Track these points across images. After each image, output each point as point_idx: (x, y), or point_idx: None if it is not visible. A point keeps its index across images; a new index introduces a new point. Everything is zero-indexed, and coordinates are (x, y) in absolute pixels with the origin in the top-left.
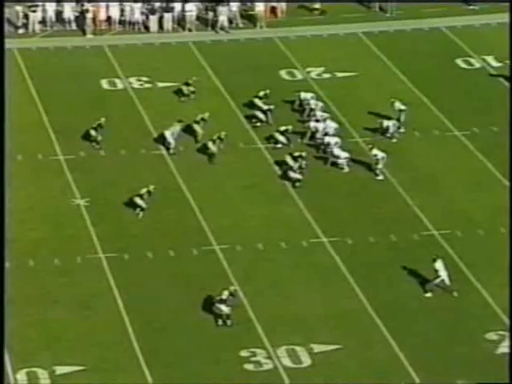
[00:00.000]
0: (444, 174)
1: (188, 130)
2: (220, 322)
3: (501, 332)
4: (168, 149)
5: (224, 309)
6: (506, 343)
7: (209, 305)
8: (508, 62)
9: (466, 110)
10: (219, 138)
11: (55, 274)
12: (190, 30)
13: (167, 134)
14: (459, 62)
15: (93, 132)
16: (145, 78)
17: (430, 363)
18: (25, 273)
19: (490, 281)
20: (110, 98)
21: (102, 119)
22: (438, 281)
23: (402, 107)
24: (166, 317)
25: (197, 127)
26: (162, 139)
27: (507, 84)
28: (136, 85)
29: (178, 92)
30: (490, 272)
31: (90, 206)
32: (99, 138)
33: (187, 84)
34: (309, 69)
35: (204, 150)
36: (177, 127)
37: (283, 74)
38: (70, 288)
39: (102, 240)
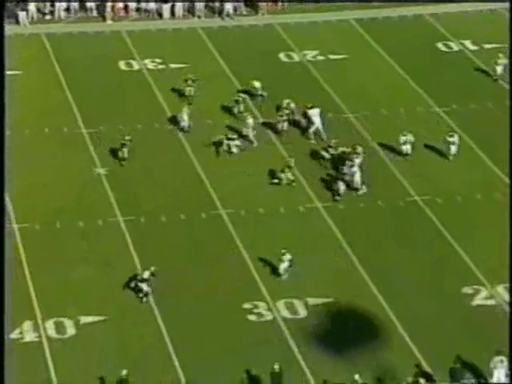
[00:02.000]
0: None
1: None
2: (144, 299)
3: (475, 286)
4: (182, 129)
5: (144, 287)
6: (481, 296)
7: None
8: (485, 45)
9: (445, 88)
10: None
11: (79, 236)
12: (198, 17)
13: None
14: (440, 45)
15: None
16: (158, 60)
17: (414, 314)
18: (52, 234)
19: (467, 240)
20: (127, 78)
21: None
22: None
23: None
24: (178, 272)
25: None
26: (174, 117)
27: (482, 64)
28: (150, 66)
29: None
30: (467, 233)
31: (109, 174)
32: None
33: (186, 80)
34: (305, 52)
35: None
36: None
37: (282, 56)
38: (92, 248)
39: (120, 205)
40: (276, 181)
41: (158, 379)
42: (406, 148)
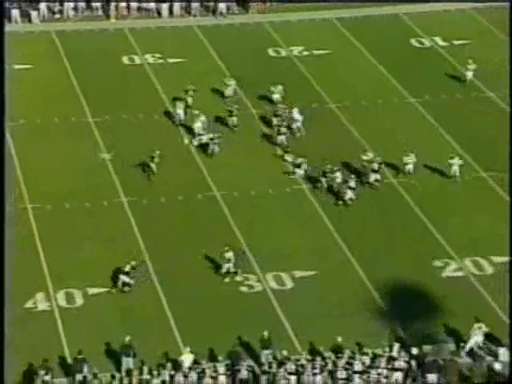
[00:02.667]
0: (402, 132)
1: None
2: (126, 288)
3: (446, 259)
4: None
5: (126, 279)
6: (452, 268)
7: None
8: (454, 41)
9: (419, 81)
10: None
11: (86, 215)
12: (194, 16)
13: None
14: (413, 41)
15: None
16: (158, 55)
17: (390, 285)
18: (62, 214)
19: (439, 219)
20: (129, 72)
21: None
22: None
23: None
24: (177, 247)
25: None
26: (173, 107)
27: (451, 59)
28: (151, 60)
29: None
30: (438, 210)
31: (114, 159)
32: None
33: (186, 91)
34: (291, 48)
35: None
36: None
37: (270, 51)
38: (98, 226)
39: (124, 187)
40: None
41: (158, 344)
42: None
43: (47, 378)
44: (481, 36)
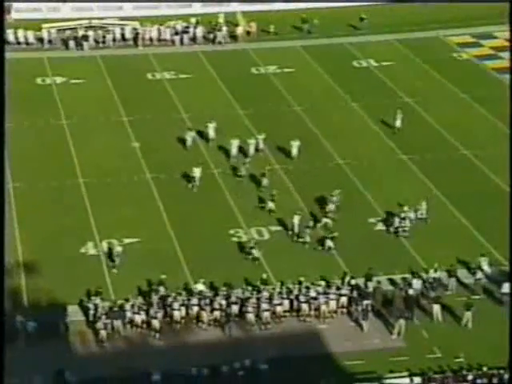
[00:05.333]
0: (345, 128)
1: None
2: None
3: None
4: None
5: (117, 260)
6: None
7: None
8: (385, 62)
9: (358, 89)
10: None
11: (121, 187)
12: (199, 44)
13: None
14: (355, 63)
15: None
16: (172, 72)
17: (340, 237)
18: (100, 187)
19: (373, 189)
20: (151, 84)
21: None
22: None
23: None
24: (186, 209)
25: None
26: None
27: (381, 75)
28: (167, 76)
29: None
30: (372, 185)
31: (142, 147)
32: None
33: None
34: (268, 67)
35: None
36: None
37: (253, 70)
38: (131, 194)
39: (149, 167)
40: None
41: (173, 280)
42: None
43: (98, 301)
44: (402, 59)
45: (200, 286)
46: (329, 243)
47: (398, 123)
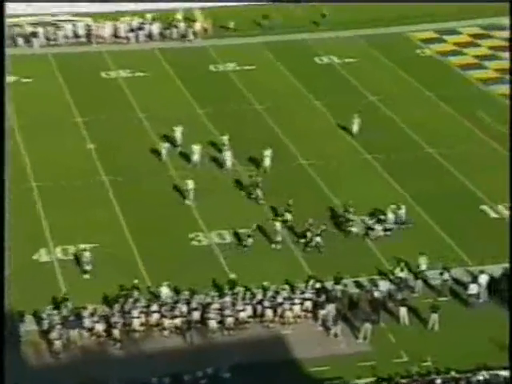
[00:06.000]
0: (308, 128)
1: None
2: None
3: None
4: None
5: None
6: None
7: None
8: (348, 59)
9: (320, 87)
10: None
11: (76, 191)
12: (155, 41)
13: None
14: (317, 60)
15: None
16: (128, 70)
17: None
18: (54, 191)
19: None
20: (106, 83)
21: None
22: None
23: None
24: (145, 212)
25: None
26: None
27: (344, 73)
28: (123, 74)
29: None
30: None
31: (97, 148)
32: None
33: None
34: (227, 64)
35: None
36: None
37: (211, 67)
38: (87, 197)
39: (105, 170)
40: None
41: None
42: None
43: (53, 310)
44: (365, 56)
45: (164, 290)
46: (317, 239)
47: (356, 128)
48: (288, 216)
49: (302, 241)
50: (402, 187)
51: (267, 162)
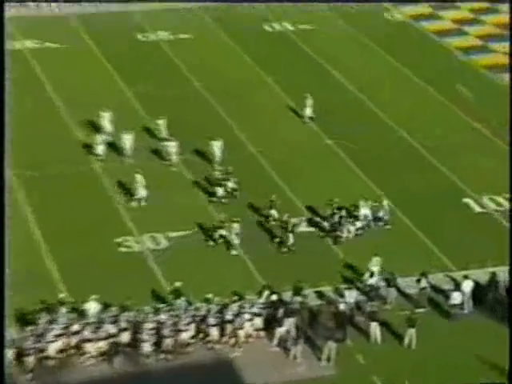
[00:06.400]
0: (257, 109)
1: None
2: None
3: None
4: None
5: None
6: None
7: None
8: (303, 26)
9: (273, 60)
10: None
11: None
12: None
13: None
14: (266, 27)
15: None
16: (36, 41)
17: None
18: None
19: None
20: (13, 55)
21: None
22: None
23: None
24: (62, 214)
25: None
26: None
27: (299, 42)
28: (30, 45)
29: None
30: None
31: None
32: None
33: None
34: (158, 32)
35: None
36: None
37: (139, 36)
38: None
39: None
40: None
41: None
42: None
43: None
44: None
45: (93, 305)
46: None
47: (309, 112)
48: (274, 213)
49: (277, 240)
50: (370, 179)
51: (217, 152)
